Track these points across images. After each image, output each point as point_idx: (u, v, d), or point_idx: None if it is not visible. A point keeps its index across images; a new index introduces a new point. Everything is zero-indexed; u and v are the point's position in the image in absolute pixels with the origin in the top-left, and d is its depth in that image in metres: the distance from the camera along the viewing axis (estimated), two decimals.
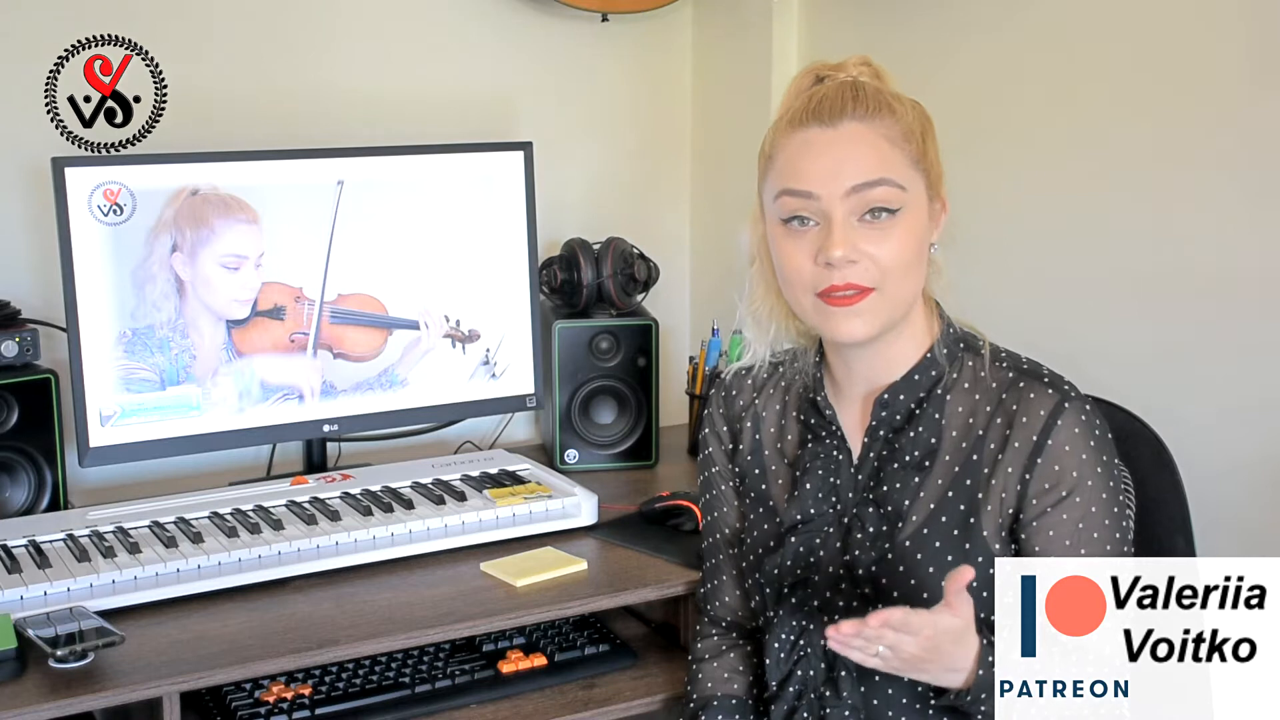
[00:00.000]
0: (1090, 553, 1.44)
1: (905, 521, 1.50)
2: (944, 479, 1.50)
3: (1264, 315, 1.85)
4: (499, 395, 2.33)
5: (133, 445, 2.07)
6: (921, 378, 1.53)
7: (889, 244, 1.44)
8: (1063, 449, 1.45)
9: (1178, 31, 1.92)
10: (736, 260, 2.60)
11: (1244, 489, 1.87)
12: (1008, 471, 1.47)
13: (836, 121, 1.45)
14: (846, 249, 1.43)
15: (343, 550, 1.91)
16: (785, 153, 1.47)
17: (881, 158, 1.44)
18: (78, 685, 1.57)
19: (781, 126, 1.49)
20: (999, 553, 1.47)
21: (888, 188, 1.44)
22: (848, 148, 1.44)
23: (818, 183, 1.44)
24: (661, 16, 2.63)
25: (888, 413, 1.53)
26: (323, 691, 1.73)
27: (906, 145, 1.46)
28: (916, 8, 2.30)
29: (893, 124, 1.45)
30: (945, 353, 1.53)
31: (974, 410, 1.51)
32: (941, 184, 1.51)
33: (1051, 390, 1.48)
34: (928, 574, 1.47)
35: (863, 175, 1.43)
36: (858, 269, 1.44)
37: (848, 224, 1.44)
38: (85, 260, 2.01)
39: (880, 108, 1.46)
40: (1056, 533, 1.45)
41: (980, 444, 1.49)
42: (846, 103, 1.45)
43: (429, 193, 2.24)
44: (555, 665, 1.83)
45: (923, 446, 1.51)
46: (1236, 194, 1.87)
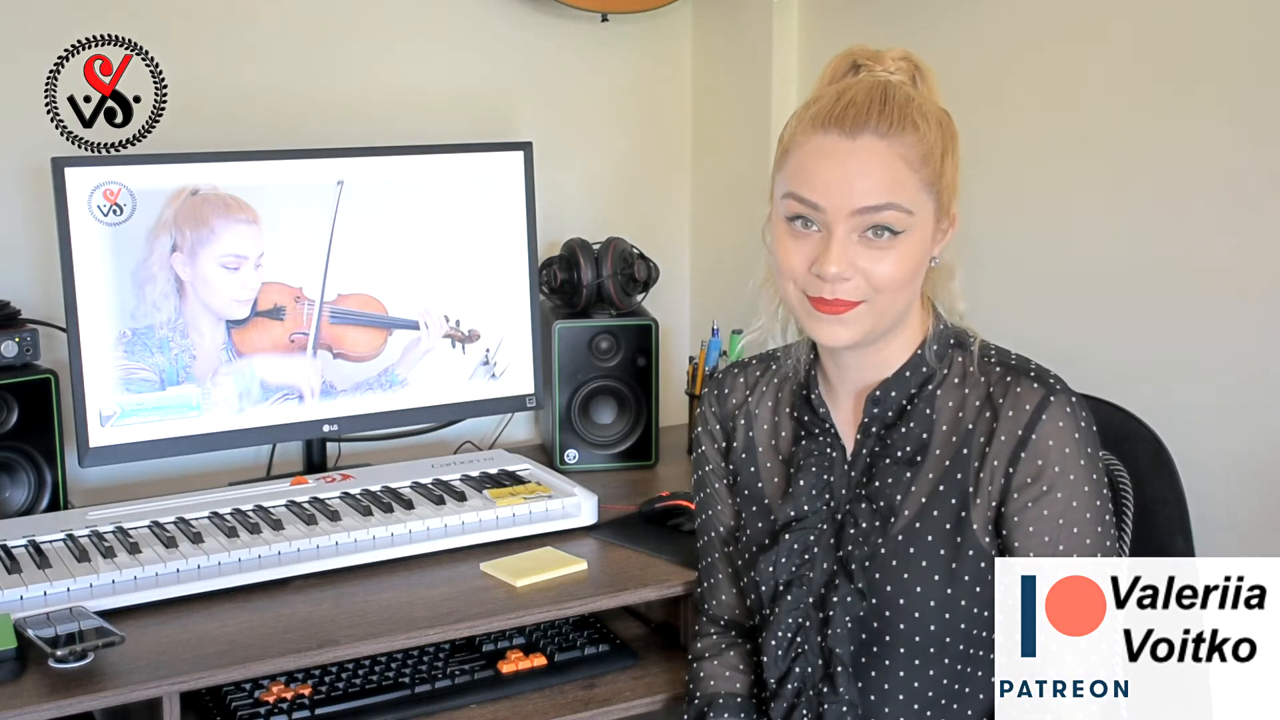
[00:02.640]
0: (1070, 548, 1.44)
1: (898, 517, 1.50)
2: (935, 474, 1.50)
3: (1265, 315, 1.85)
4: (499, 395, 2.33)
5: (133, 445, 2.07)
6: (912, 374, 1.53)
7: (885, 263, 1.44)
8: (1046, 443, 1.45)
9: (1178, 31, 1.92)
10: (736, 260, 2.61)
11: (1244, 489, 1.87)
12: (994, 465, 1.47)
13: (857, 134, 1.43)
14: (842, 267, 1.43)
15: (343, 550, 1.91)
16: (800, 153, 1.46)
17: (894, 180, 1.43)
18: (78, 685, 1.57)
19: (804, 120, 1.47)
20: (988, 546, 1.47)
21: (894, 212, 1.43)
22: (862, 165, 1.43)
23: (826, 195, 1.43)
24: (661, 16, 2.63)
25: (879, 409, 1.53)
26: (323, 691, 1.73)
27: (923, 168, 1.44)
28: (917, 8, 2.30)
29: (914, 143, 1.44)
30: (935, 349, 1.53)
31: (963, 405, 1.51)
32: (955, 201, 1.50)
33: (1037, 384, 1.48)
34: (920, 567, 1.48)
35: (871, 198, 1.42)
36: (848, 285, 1.44)
37: (848, 240, 1.43)
38: (85, 260, 2.01)
39: (904, 124, 1.44)
40: (1037, 528, 1.45)
41: (969, 438, 1.49)
42: (871, 114, 1.43)
43: (429, 193, 2.24)
44: (555, 665, 1.83)
45: (914, 442, 1.52)
46: (1237, 193, 1.87)
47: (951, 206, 1.50)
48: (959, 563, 1.47)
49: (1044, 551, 1.44)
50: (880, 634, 1.49)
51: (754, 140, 2.54)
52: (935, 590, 1.47)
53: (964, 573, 1.46)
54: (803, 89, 2.51)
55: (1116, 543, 1.49)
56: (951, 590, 1.47)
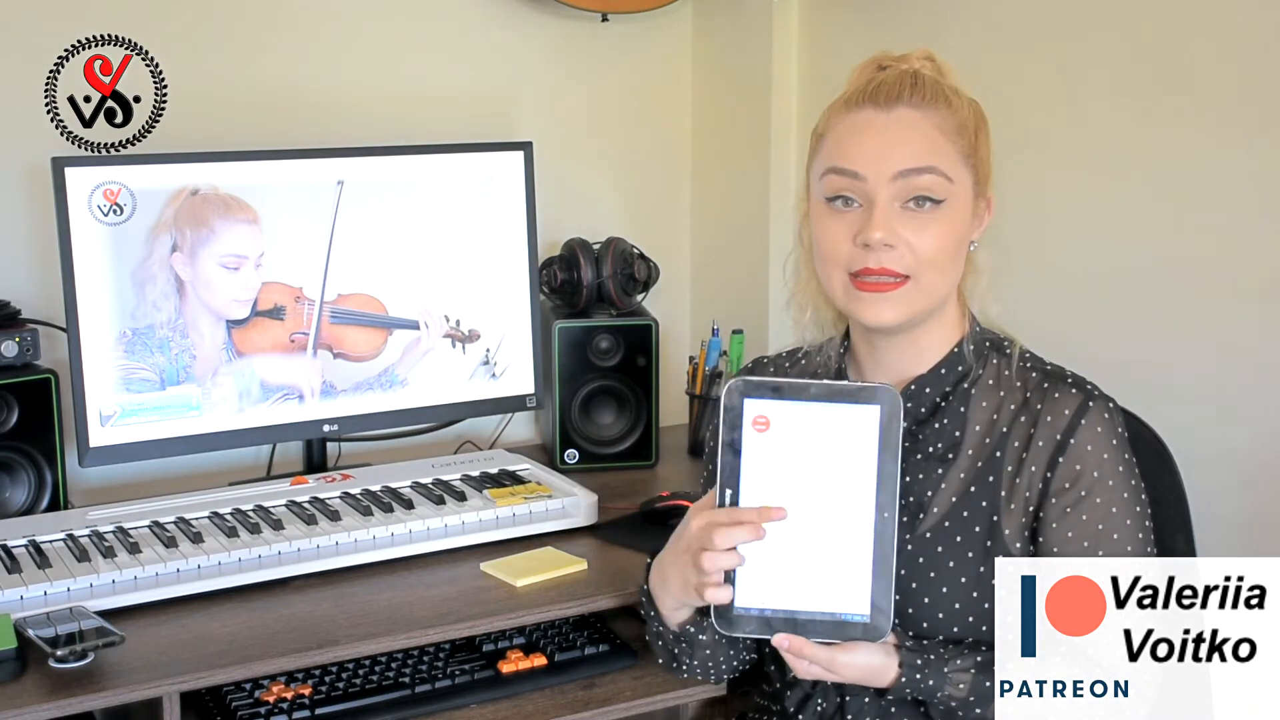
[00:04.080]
0: (1109, 555, 1.44)
1: (926, 514, 1.50)
2: (966, 473, 1.50)
3: (1265, 315, 1.85)
4: (499, 395, 2.33)
5: (133, 445, 2.07)
6: (948, 372, 1.53)
7: (929, 234, 1.44)
8: (1085, 448, 1.45)
9: (1178, 30, 1.92)
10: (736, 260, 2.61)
11: (1244, 490, 1.87)
12: (1031, 470, 1.47)
13: (891, 106, 1.45)
14: (886, 232, 1.43)
15: (343, 550, 1.92)
16: (836, 131, 1.47)
17: (932, 146, 1.44)
18: (78, 685, 1.57)
19: (837, 107, 1.49)
20: (1019, 552, 1.46)
21: (934, 176, 1.44)
22: (899, 132, 1.44)
23: (865, 164, 1.44)
24: (661, 16, 2.63)
25: (913, 404, 1.52)
26: (323, 691, 1.73)
27: (959, 139, 1.46)
28: (917, 8, 2.30)
29: (948, 115, 1.46)
30: (973, 349, 1.53)
31: (999, 408, 1.51)
32: (989, 183, 1.51)
33: (1076, 390, 1.48)
34: (948, 568, 1.47)
35: (911, 161, 1.43)
36: (894, 254, 1.44)
37: (890, 209, 1.43)
38: (85, 260, 2.01)
39: (937, 98, 1.46)
40: (1075, 533, 1.45)
41: (1004, 441, 1.49)
42: (904, 90, 1.45)
43: (429, 193, 2.24)
44: (555, 665, 1.83)
45: (946, 439, 1.51)
46: (1237, 193, 1.87)
47: (988, 188, 1.51)
48: (987, 568, 1.46)
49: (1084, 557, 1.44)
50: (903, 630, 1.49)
51: (754, 140, 2.54)
52: (961, 593, 1.46)
53: (991, 577, 1.45)
54: (803, 89, 2.51)
55: (1155, 549, 1.48)
56: (977, 594, 1.46)
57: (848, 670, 1.41)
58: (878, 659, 1.42)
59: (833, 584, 1.39)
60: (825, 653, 1.40)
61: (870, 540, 1.38)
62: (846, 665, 1.41)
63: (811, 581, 1.39)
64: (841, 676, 1.42)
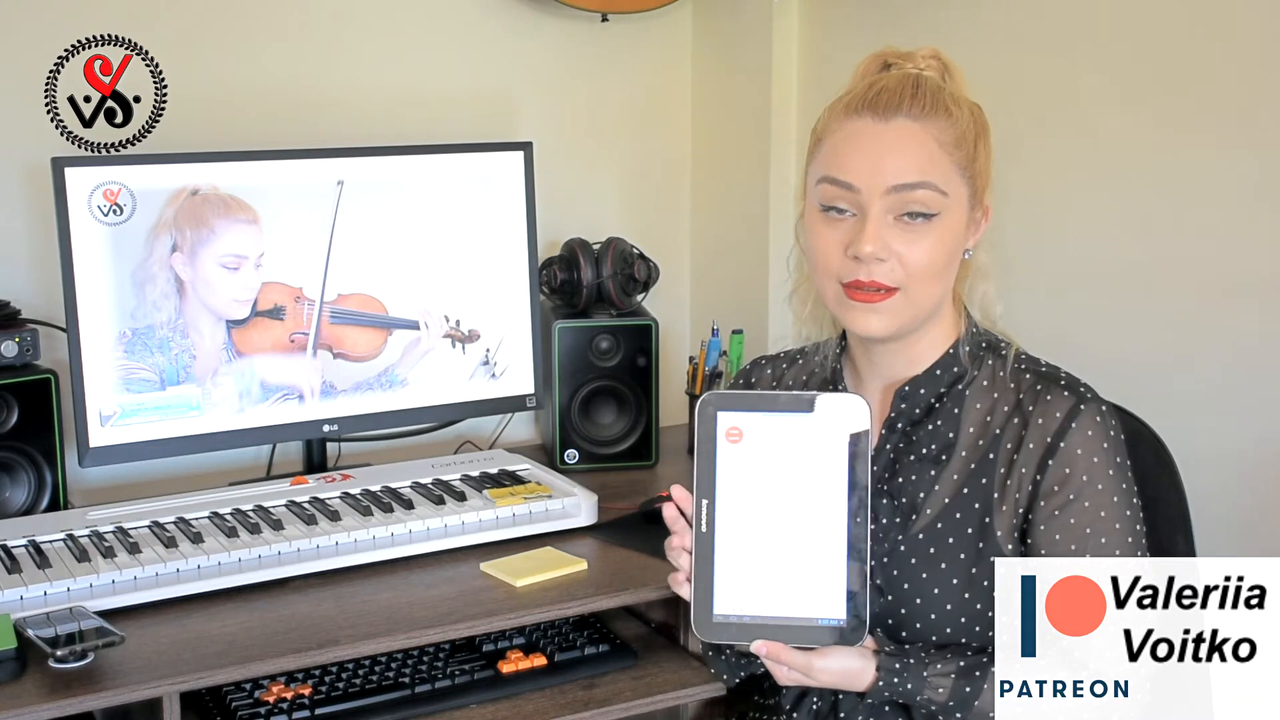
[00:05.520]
0: (1096, 558, 1.43)
1: (919, 514, 1.50)
2: (959, 475, 1.50)
3: (1265, 315, 1.85)
4: (499, 395, 2.33)
5: (133, 445, 2.07)
6: (943, 373, 1.53)
7: (920, 247, 1.43)
8: (1075, 451, 1.45)
9: (1180, 32, 1.92)
10: (736, 261, 2.61)
11: (1244, 490, 1.87)
12: (1021, 472, 1.47)
13: (890, 116, 1.44)
14: (877, 246, 1.42)
15: (343, 550, 1.92)
16: (834, 138, 1.47)
17: (928, 159, 1.43)
18: (78, 685, 1.57)
19: (837, 110, 1.48)
20: (1011, 553, 1.46)
21: (929, 191, 1.43)
22: (896, 144, 1.43)
23: (860, 176, 1.43)
24: (661, 16, 2.63)
25: (907, 405, 1.53)
26: (323, 691, 1.73)
27: (956, 151, 1.45)
28: (917, 8, 2.30)
29: (947, 127, 1.45)
30: (968, 350, 1.53)
31: (992, 409, 1.51)
32: (987, 192, 1.51)
33: (1068, 393, 1.48)
34: (940, 569, 1.47)
35: (906, 175, 1.42)
36: (884, 268, 1.43)
37: (883, 221, 1.43)
38: (85, 260, 2.01)
39: (937, 108, 1.45)
40: (1063, 536, 1.44)
41: (997, 443, 1.49)
42: (904, 99, 1.44)
43: (429, 193, 2.24)
44: (555, 665, 1.83)
45: (940, 441, 1.51)
46: (1237, 193, 1.87)
47: (985, 196, 1.50)
48: (979, 568, 1.46)
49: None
50: (895, 631, 1.49)
51: (754, 140, 2.54)
52: (953, 594, 1.46)
53: (984, 578, 1.46)
54: (803, 89, 2.51)
55: (1146, 553, 1.48)
56: (969, 595, 1.46)
57: (824, 675, 1.42)
58: (855, 663, 1.42)
59: (808, 589, 1.40)
60: (802, 658, 1.40)
61: (844, 545, 1.39)
62: (823, 670, 1.41)
63: (788, 587, 1.40)
64: (819, 681, 1.43)
